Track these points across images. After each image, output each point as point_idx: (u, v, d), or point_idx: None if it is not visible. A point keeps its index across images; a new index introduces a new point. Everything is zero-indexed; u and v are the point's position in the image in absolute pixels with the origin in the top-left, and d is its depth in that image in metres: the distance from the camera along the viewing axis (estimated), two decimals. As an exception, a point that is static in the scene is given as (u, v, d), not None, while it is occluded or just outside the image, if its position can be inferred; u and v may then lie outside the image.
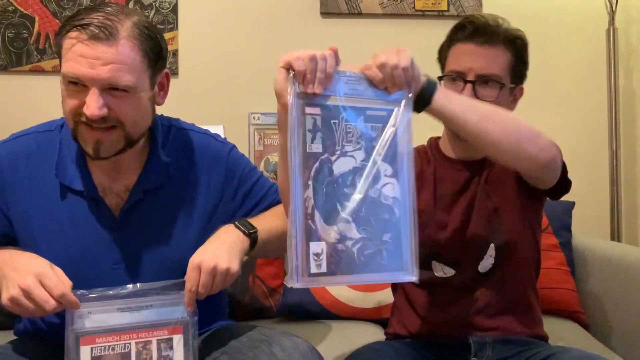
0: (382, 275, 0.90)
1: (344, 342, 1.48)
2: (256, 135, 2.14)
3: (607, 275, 1.66)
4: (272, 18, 2.18)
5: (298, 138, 0.86)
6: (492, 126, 1.01)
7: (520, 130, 1.03)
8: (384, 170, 0.91)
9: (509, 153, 1.04)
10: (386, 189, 0.91)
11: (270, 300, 1.74)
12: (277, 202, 1.26)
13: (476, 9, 2.21)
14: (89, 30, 0.97)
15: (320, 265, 0.83)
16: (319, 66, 0.87)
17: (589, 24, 2.26)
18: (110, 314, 0.98)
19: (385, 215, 0.90)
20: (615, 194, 2.17)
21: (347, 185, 0.88)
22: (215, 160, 1.19)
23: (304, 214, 0.84)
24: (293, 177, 0.84)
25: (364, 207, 0.89)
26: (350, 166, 0.89)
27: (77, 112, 1.00)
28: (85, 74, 0.97)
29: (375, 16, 2.21)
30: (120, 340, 0.98)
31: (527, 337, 1.20)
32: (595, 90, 2.26)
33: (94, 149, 1.02)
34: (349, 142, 0.90)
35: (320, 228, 0.85)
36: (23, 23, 2.07)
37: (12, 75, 2.08)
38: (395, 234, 0.90)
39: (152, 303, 1.01)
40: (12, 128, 1.93)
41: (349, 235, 0.87)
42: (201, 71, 2.15)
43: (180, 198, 1.14)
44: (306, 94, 0.87)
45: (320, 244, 0.84)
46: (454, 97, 1.03)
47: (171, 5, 2.13)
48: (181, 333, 1.01)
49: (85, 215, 1.09)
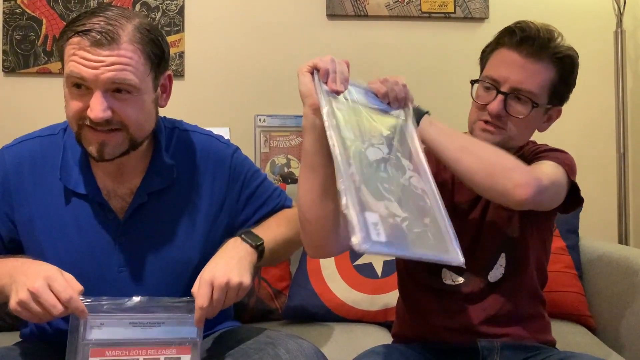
0: (434, 254, 0.88)
1: (350, 345, 1.48)
2: (262, 137, 2.14)
3: (614, 278, 1.65)
4: (278, 20, 2.18)
5: (332, 130, 0.86)
6: (467, 156, 1.03)
7: (495, 164, 1.02)
8: (407, 165, 0.94)
9: (481, 185, 1.03)
10: (414, 180, 0.93)
11: (275, 302, 1.74)
12: (281, 206, 1.25)
13: (483, 11, 2.20)
14: (90, 37, 0.97)
15: (379, 234, 0.80)
16: (338, 67, 0.92)
17: (596, 26, 2.25)
18: (121, 328, 0.98)
19: (419, 202, 0.91)
20: (623, 197, 2.16)
21: (382, 169, 0.89)
22: (218, 161, 1.19)
23: (354, 187, 0.82)
24: (336, 153, 0.84)
25: (401, 191, 0.89)
26: (379, 156, 0.91)
27: (81, 115, 1.00)
28: (89, 75, 0.97)
29: (382, 18, 2.21)
30: (129, 355, 0.98)
31: (535, 343, 1.19)
32: (603, 93, 2.25)
33: (97, 151, 1.02)
34: (374, 137, 0.92)
35: (371, 201, 0.84)
36: (30, 25, 2.07)
37: (20, 77, 2.08)
38: (433, 220, 0.90)
39: (165, 320, 1.01)
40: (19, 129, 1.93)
41: (396, 213, 0.86)
42: (207, 73, 2.15)
43: (184, 200, 1.14)
44: (332, 91, 0.92)
45: (374, 214, 0.82)
46: (438, 125, 1.07)
47: (178, 8, 2.13)
48: (189, 353, 1.01)
49: (89, 219, 1.09)
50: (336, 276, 1.71)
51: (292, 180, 2.13)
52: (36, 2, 2.07)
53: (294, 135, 2.16)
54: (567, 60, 1.14)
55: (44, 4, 2.08)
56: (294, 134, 2.16)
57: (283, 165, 2.15)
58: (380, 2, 2.19)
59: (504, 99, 1.11)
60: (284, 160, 2.15)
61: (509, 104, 1.12)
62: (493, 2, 2.22)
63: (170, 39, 2.12)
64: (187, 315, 1.01)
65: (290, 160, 2.15)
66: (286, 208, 1.27)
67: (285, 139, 2.15)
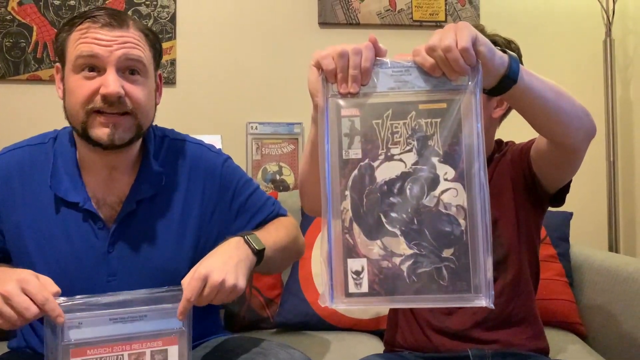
0: (442, 298, 0.75)
1: (342, 353, 1.47)
2: (254, 145, 2.14)
3: (605, 286, 1.66)
4: (271, 28, 2.18)
5: (331, 144, 0.77)
6: (565, 103, 0.92)
7: (575, 101, 0.96)
8: (444, 173, 0.77)
9: (577, 129, 0.97)
10: (447, 196, 0.76)
11: (267, 311, 1.73)
12: (275, 214, 1.24)
13: (473, 19, 2.22)
14: (101, 19, 1.01)
15: (360, 285, 0.74)
16: (352, 62, 0.78)
17: (586, 35, 2.27)
18: (101, 326, 0.93)
19: (445, 227, 0.76)
20: (613, 205, 2.17)
21: (393, 193, 0.77)
22: (209, 170, 1.18)
23: (340, 227, 0.75)
24: (325, 188, 0.76)
25: (416, 218, 0.76)
26: (398, 171, 0.77)
27: (90, 99, 1.00)
28: (103, 51, 0.99)
29: (373, 26, 2.21)
30: (113, 352, 0.93)
31: (526, 351, 1.19)
32: (592, 101, 2.26)
33: (109, 135, 1.01)
34: (396, 144, 0.77)
35: (361, 243, 0.76)
36: (21, 32, 2.06)
37: (10, 84, 2.07)
38: (460, 249, 0.75)
39: (147, 313, 0.96)
40: (9, 136, 1.91)
41: (397, 252, 0.76)
42: (199, 80, 2.15)
43: (174, 209, 1.13)
44: (341, 94, 0.78)
45: (360, 260, 0.74)
46: (530, 71, 0.88)
47: (169, 15, 2.13)
48: (177, 344, 0.96)
49: (79, 228, 1.08)
50: (328, 284, 1.71)
51: (284, 187, 2.13)
52: (27, 9, 2.07)
53: (286, 142, 2.16)
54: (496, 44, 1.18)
55: (34, 11, 2.07)
56: (286, 142, 2.16)
57: (275, 172, 2.14)
58: (372, 11, 2.20)
59: None
60: (275, 168, 2.15)
61: None
62: (484, 12, 2.23)
63: (162, 46, 2.11)
64: (170, 307, 0.96)
65: (282, 167, 2.15)
66: (281, 216, 1.26)
67: (277, 147, 2.15)
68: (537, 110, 0.92)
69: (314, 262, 1.74)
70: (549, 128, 0.99)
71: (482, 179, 0.76)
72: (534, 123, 0.98)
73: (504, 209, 1.20)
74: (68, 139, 1.12)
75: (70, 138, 1.12)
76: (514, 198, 1.20)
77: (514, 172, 1.20)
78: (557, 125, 0.96)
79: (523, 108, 0.93)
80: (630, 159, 2.29)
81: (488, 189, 0.76)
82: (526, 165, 1.18)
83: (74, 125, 1.05)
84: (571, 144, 1.03)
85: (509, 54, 0.84)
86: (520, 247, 1.21)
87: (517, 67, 0.84)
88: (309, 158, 0.98)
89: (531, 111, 0.93)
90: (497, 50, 0.82)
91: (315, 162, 0.83)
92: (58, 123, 1.19)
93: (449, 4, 2.22)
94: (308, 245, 1.77)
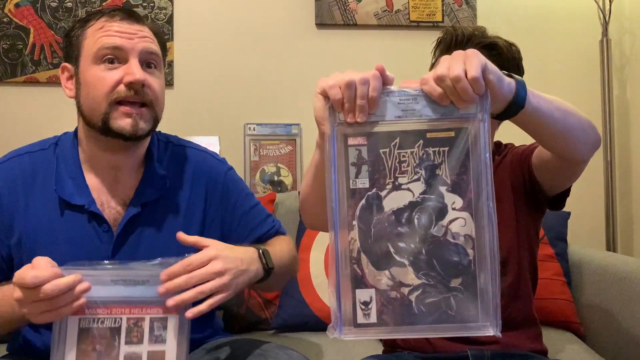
0: (450, 327, 0.76)
1: (341, 354, 1.47)
2: (252, 146, 2.14)
3: (602, 285, 1.66)
4: (268, 29, 2.19)
5: (338, 174, 0.77)
6: (572, 120, 0.93)
7: (581, 115, 0.97)
8: (452, 203, 0.77)
9: (584, 144, 0.98)
10: (455, 226, 0.77)
11: (266, 312, 1.73)
12: (275, 231, 1.24)
13: (471, 20, 2.22)
14: (119, 14, 1.04)
15: (369, 315, 0.74)
16: (360, 92, 0.77)
17: (582, 35, 2.28)
18: (101, 286, 0.89)
19: (453, 257, 0.76)
20: (611, 204, 2.17)
21: (401, 223, 0.77)
22: (212, 177, 1.18)
23: (348, 258, 0.75)
24: (332, 219, 0.75)
25: (424, 248, 0.76)
26: (406, 201, 0.77)
27: (114, 90, 1.02)
28: (126, 43, 1.02)
29: (370, 27, 2.22)
30: (111, 314, 0.89)
31: (526, 352, 1.19)
32: (589, 101, 2.27)
33: (133, 125, 1.03)
34: (404, 173, 0.77)
35: (369, 273, 0.76)
36: (18, 34, 2.06)
37: (7, 86, 2.07)
38: (468, 279, 0.76)
39: (149, 279, 0.91)
40: (7, 139, 1.92)
41: (405, 282, 0.76)
42: (196, 82, 2.15)
43: (177, 213, 1.13)
44: (348, 123, 0.78)
45: (368, 291, 0.75)
46: (536, 93, 0.89)
47: (167, 17, 2.13)
48: (176, 313, 0.91)
49: (84, 231, 1.08)
50: (326, 285, 1.71)
51: (282, 189, 2.13)
52: (24, 11, 2.06)
53: (284, 143, 2.16)
54: (496, 47, 1.17)
55: (31, 13, 2.06)
56: (284, 143, 2.16)
57: (273, 173, 2.14)
58: (369, 11, 2.20)
59: None
60: (273, 169, 2.15)
61: None
62: (480, 12, 2.23)
63: (159, 47, 2.11)
64: None
65: (280, 168, 2.15)
66: (280, 235, 1.25)
67: (275, 148, 2.15)
68: (544, 131, 0.92)
69: (312, 264, 1.74)
70: (556, 146, 0.99)
71: (490, 208, 0.76)
72: (542, 141, 0.99)
73: (503, 213, 1.19)
74: (70, 143, 1.13)
75: (73, 142, 1.12)
76: (514, 201, 1.20)
77: (513, 176, 1.20)
78: (565, 143, 0.96)
79: (530, 129, 0.93)
80: (628, 158, 2.30)
81: (496, 218, 0.76)
82: (527, 170, 1.17)
83: (92, 119, 1.05)
84: (577, 158, 1.04)
85: (516, 79, 0.84)
86: (520, 251, 1.21)
87: (524, 92, 0.84)
88: (311, 181, 0.97)
89: (539, 132, 0.94)
90: (505, 76, 0.81)
91: (318, 185, 0.84)
92: (55, 125, 1.20)
93: (445, 5, 2.23)
94: (306, 246, 1.78)
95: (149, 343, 0.90)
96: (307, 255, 1.76)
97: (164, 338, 0.90)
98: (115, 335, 0.89)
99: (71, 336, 0.88)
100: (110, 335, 0.89)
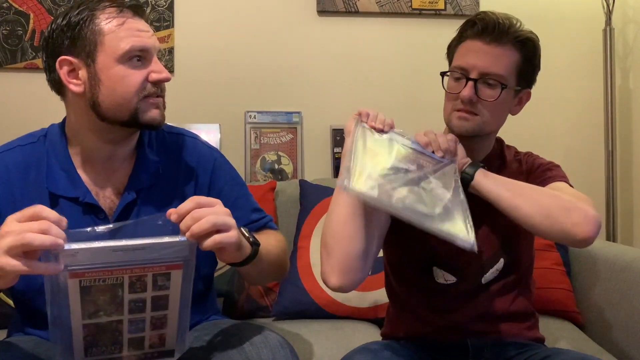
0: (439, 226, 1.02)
1: (340, 341, 1.48)
2: (252, 134, 2.14)
3: (602, 275, 1.66)
4: (269, 16, 2.17)
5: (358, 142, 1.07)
6: (524, 202, 1.07)
7: (552, 205, 1.05)
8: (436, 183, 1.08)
9: (541, 227, 1.06)
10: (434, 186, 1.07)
11: (266, 299, 1.74)
12: (263, 224, 1.23)
13: (473, 7, 2.20)
14: (129, 11, 1.06)
15: (373, 189, 1.01)
16: (381, 116, 1.12)
17: (585, 24, 2.26)
18: (100, 254, 0.85)
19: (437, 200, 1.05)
20: (611, 194, 2.17)
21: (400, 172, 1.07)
22: (201, 163, 1.19)
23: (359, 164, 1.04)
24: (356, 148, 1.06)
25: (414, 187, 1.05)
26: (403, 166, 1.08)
27: (144, 87, 1.05)
28: (150, 43, 1.07)
29: (372, 14, 2.20)
30: (112, 274, 0.86)
31: (524, 340, 1.20)
32: (591, 90, 2.27)
33: (161, 114, 1.09)
34: (402, 162, 1.10)
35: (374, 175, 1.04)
36: (18, 20, 2.05)
37: (7, 72, 2.06)
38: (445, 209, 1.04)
39: (151, 245, 0.86)
40: (6, 125, 1.91)
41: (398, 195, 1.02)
42: (197, 69, 2.14)
43: (171, 199, 1.13)
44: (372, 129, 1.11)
45: (371, 180, 1.03)
46: (491, 175, 1.12)
47: (167, 3, 2.12)
48: (181, 269, 0.88)
49: (79, 222, 1.07)
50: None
51: (282, 177, 2.13)
52: (23, -4, 2.05)
53: (285, 131, 2.15)
54: (529, 43, 1.17)
55: (31, -2, 2.05)
56: (285, 131, 2.15)
57: (274, 161, 2.14)
58: (371, -1, 2.19)
59: (474, 84, 1.14)
60: (274, 157, 2.14)
61: (479, 89, 1.14)
62: (483, 0, 2.22)
63: (160, 34, 2.10)
64: (178, 242, 0.88)
65: (281, 156, 2.15)
66: (269, 229, 1.25)
67: (275, 136, 2.15)
68: (495, 204, 1.10)
69: (312, 252, 1.74)
70: (516, 222, 1.09)
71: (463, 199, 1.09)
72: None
73: None
74: (58, 135, 1.12)
75: (61, 134, 1.12)
76: None
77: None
78: (519, 221, 1.09)
79: (486, 199, 1.11)
80: (629, 148, 2.29)
81: None
82: None
83: (117, 114, 1.05)
84: (553, 240, 1.16)
85: (471, 162, 1.14)
86: (527, 248, 1.23)
87: (474, 169, 1.12)
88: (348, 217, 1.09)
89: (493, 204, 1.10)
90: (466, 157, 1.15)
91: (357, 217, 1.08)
92: (55, 111, 1.19)
93: (448, -8, 2.21)
94: (307, 234, 1.78)
95: (152, 290, 0.89)
96: (307, 243, 1.76)
97: (168, 287, 0.89)
98: (119, 288, 0.88)
99: (73, 293, 0.86)
100: (113, 288, 0.88)
